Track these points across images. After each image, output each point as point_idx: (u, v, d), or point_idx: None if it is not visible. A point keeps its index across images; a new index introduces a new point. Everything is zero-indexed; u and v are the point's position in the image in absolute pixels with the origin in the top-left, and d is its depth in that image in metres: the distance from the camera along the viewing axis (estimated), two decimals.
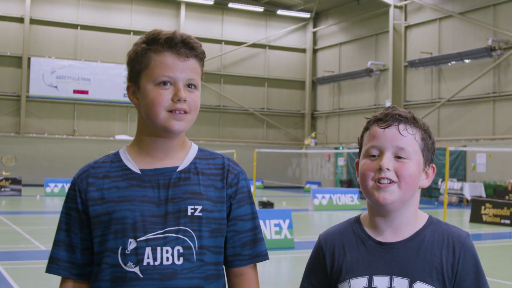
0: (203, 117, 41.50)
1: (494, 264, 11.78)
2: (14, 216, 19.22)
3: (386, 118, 1.94)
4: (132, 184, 2.04)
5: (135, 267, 1.97)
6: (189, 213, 2.02)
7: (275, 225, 13.10)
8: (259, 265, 2.19)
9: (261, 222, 12.94)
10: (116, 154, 2.14)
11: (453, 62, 32.22)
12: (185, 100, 2.01)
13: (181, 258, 1.99)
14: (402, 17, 35.72)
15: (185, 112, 2.03)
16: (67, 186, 25.65)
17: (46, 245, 12.69)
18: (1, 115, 36.51)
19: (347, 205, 23.99)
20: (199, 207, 2.04)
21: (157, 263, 1.97)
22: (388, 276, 1.92)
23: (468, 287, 1.92)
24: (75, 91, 37.79)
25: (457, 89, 31.72)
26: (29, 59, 37.02)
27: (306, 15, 43.58)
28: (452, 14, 32.27)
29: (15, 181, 28.24)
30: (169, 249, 1.99)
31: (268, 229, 12.94)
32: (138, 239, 1.99)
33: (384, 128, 1.93)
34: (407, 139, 1.92)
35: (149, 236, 1.99)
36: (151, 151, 2.09)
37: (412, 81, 35.28)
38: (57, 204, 24.62)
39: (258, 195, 27.08)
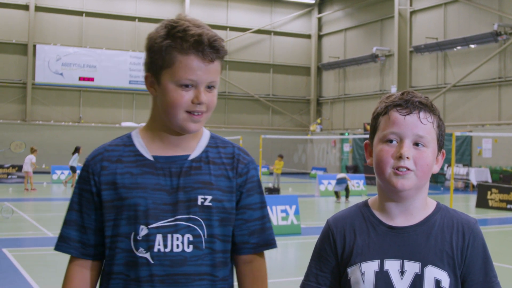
0: None
1: (500, 249, 11.82)
2: (21, 203, 19.32)
3: (407, 105, 1.94)
4: (145, 171, 2.06)
5: (146, 253, 2.01)
6: (199, 203, 2.05)
7: (282, 211, 13.14)
8: (266, 251, 2.22)
9: (267, 208, 13.04)
10: (129, 137, 2.15)
11: (458, 47, 32.08)
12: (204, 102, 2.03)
13: (191, 246, 2.03)
14: (408, 2, 35.53)
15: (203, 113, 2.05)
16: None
17: (53, 232, 12.77)
18: (7, 103, 36.57)
19: (353, 190, 24.02)
20: (209, 197, 2.06)
21: (168, 250, 2.01)
22: (399, 260, 1.94)
23: (476, 272, 1.95)
24: (80, 78, 37.79)
25: (462, 74, 31.60)
26: (34, 46, 37.01)
27: (311, 0, 43.35)
28: None
29: (22, 168, 28.26)
30: (180, 236, 2.02)
31: (275, 215, 12.97)
32: (149, 226, 2.01)
33: (405, 115, 1.93)
34: (426, 127, 1.93)
35: (160, 223, 2.02)
36: (164, 139, 2.11)
37: (417, 66, 35.16)
38: (64, 191, 24.72)
39: (264, 181, 27.10)
